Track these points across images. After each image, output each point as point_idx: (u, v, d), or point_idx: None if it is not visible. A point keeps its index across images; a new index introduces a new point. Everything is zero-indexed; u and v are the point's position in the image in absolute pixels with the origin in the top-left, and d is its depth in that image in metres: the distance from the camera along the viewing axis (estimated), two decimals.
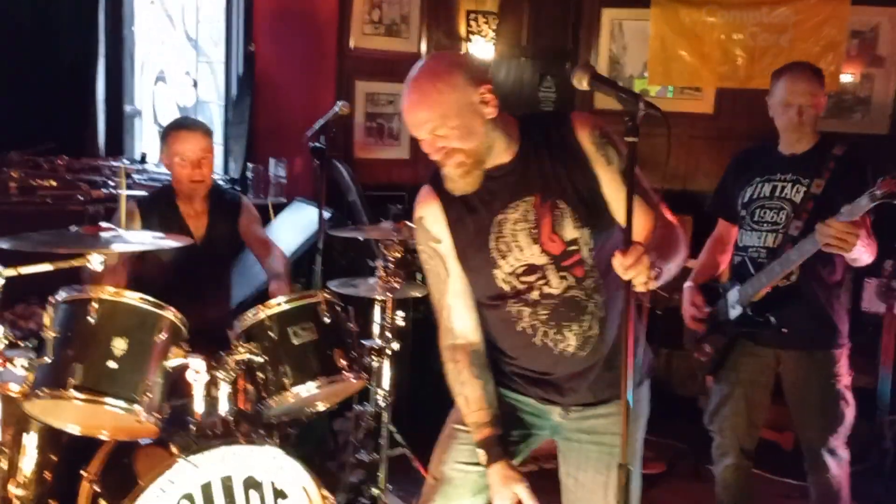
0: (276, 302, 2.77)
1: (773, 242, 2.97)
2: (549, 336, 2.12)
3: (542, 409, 2.23)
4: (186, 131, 3.22)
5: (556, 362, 2.14)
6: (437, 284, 2.19)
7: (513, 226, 2.07)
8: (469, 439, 2.20)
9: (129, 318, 2.44)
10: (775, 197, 3.00)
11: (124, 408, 2.36)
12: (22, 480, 2.54)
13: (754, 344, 3.05)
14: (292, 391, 2.69)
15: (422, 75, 2.04)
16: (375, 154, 5.18)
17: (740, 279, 3.04)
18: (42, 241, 2.39)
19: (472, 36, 5.29)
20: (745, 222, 3.07)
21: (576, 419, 2.21)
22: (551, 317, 2.10)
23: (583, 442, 2.21)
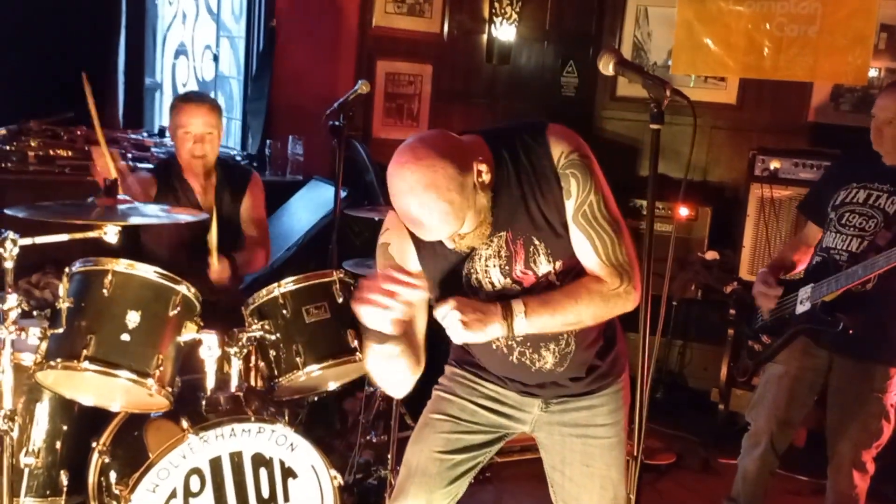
0: (290, 279, 2.77)
1: (856, 247, 2.88)
2: (525, 356, 2.09)
3: (523, 400, 2.20)
4: (193, 105, 3.19)
5: (535, 376, 2.12)
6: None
7: (485, 262, 2.01)
8: (444, 427, 2.18)
9: (143, 291, 2.44)
10: (868, 204, 2.93)
11: (136, 381, 2.37)
12: (33, 449, 2.56)
13: (813, 343, 2.99)
14: (304, 370, 2.69)
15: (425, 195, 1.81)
16: (394, 134, 5.15)
17: (815, 278, 2.96)
18: (58, 211, 2.39)
19: (495, 18, 5.25)
20: (832, 224, 2.99)
21: (557, 412, 2.19)
22: (526, 339, 2.06)
23: (565, 435, 2.19)
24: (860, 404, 2.91)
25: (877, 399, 2.89)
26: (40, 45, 4.14)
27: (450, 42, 5.20)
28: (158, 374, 2.40)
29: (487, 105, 5.46)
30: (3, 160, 3.85)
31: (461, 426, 2.19)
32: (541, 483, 2.28)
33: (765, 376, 3.16)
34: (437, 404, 2.24)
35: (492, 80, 5.42)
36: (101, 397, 2.55)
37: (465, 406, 2.21)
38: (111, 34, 4.32)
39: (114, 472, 2.54)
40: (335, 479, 2.61)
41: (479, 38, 5.31)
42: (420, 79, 5.16)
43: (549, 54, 5.58)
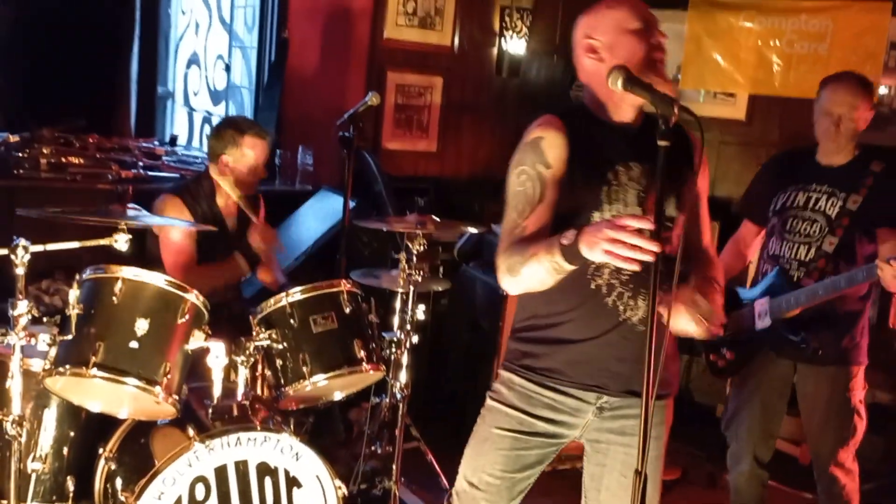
0: (297, 289, 2.78)
1: (805, 255, 2.94)
2: (622, 299, 2.07)
3: (579, 406, 2.17)
4: (263, 140, 3.33)
5: (616, 328, 2.09)
6: (521, 204, 2.07)
7: (627, 180, 2.06)
8: (504, 444, 2.17)
9: (152, 299, 2.45)
10: (809, 208, 2.96)
11: (144, 388, 2.38)
12: (40, 455, 2.57)
13: (776, 354, 3.03)
14: (310, 379, 2.70)
15: None
16: (403, 146, 5.18)
17: (770, 290, 3.00)
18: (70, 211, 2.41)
19: (506, 32, 5.27)
20: (776, 230, 3.03)
21: (607, 418, 2.18)
22: (632, 279, 2.05)
23: (611, 443, 2.18)
24: (831, 407, 2.97)
25: (846, 400, 2.96)
26: (55, 53, 4.18)
27: (460, 55, 5.24)
28: (166, 381, 2.41)
29: (497, 118, 5.48)
30: (16, 167, 3.88)
31: (521, 441, 2.18)
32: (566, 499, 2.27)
33: (733, 391, 3.19)
34: (495, 417, 2.21)
35: (501, 93, 5.45)
36: (108, 404, 2.56)
37: (524, 419, 2.18)
38: (125, 43, 4.36)
39: (120, 479, 2.55)
40: (339, 489, 2.61)
41: (490, 51, 5.34)
42: (430, 91, 5.19)
43: (559, 68, 5.60)
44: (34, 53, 4.12)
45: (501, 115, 5.50)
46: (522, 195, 2.06)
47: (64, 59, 4.16)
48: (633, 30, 2.06)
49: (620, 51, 2.05)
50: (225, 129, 3.32)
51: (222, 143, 3.28)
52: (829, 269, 2.89)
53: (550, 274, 1.93)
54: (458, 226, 3.59)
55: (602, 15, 2.11)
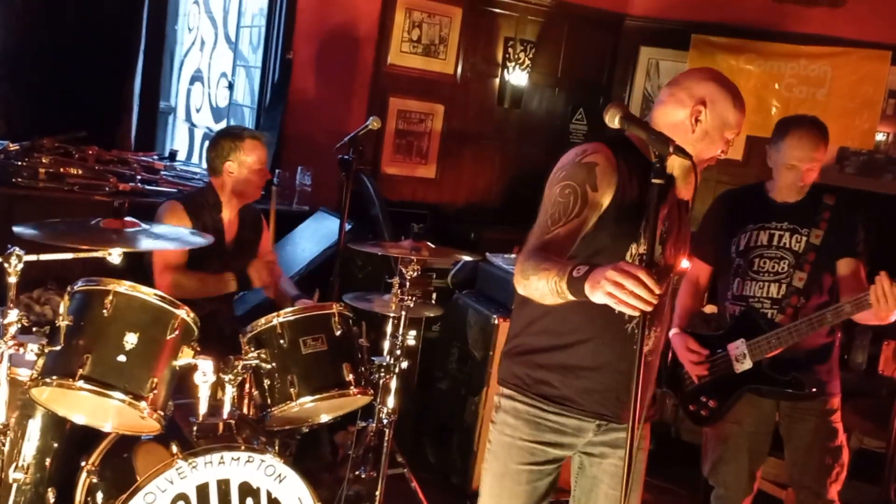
0: (289, 310, 2.79)
1: (777, 293, 2.95)
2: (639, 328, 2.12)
3: (581, 427, 2.23)
4: (260, 141, 3.37)
5: (628, 357, 2.07)
6: (556, 215, 2.09)
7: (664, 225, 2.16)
8: (522, 478, 2.22)
9: (142, 313, 2.45)
10: (773, 246, 2.98)
11: (129, 402, 2.36)
12: (22, 465, 2.54)
13: (757, 395, 3.02)
14: (297, 401, 2.69)
15: None
16: (402, 171, 5.21)
17: (743, 332, 2.99)
18: (63, 231, 2.41)
19: (509, 63, 5.32)
20: (742, 271, 3.03)
21: (602, 432, 2.25)
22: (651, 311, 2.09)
23: (605, 456, 2.26)
24: (819, 438, 2.98)
25: (833, 430, 2.98)
26: (58, 63, 4.20)
27: (463, 83, 5.28)
28: (152, 397, 2.39)
29: (497, 147, 5.51)
30: (15, 175, 3.88)
31: (536, 473, 2.24)
32: None
33: (716, 435, 3.13)
34: (509, 453, 2.25)
35: (502, 123, 5.49)
36: (93, 417, 2.55)
37: (535, 449, 2.23)
38: (130, 57, 4.39)
39: (101, 493, 2.53)
40: None
41: (492, 81, 5.39)
42: (431, 117, 5.22)
43: (560, 101, 5.65)
44: (40, 63, 4.14)
45: (501, 145, 5.53)
46: (562, 206, 2.09)
47: (69, 70, 4.18)
48: (726, 135, 2.18)
49: (708, 140, 2.17)
50: (222, 139, 3.34)
51: (223, 154, 3.29)
52: (801, 304, 2.93)
53: (552, 294, 1.95)
54: (453, 253, 3.60)
55: (726, 100, 2.19)
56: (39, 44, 4.13)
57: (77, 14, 4.16)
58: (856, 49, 4.91)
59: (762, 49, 5.12)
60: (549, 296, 1.95)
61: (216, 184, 3.34)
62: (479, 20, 5.24)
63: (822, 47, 4.99)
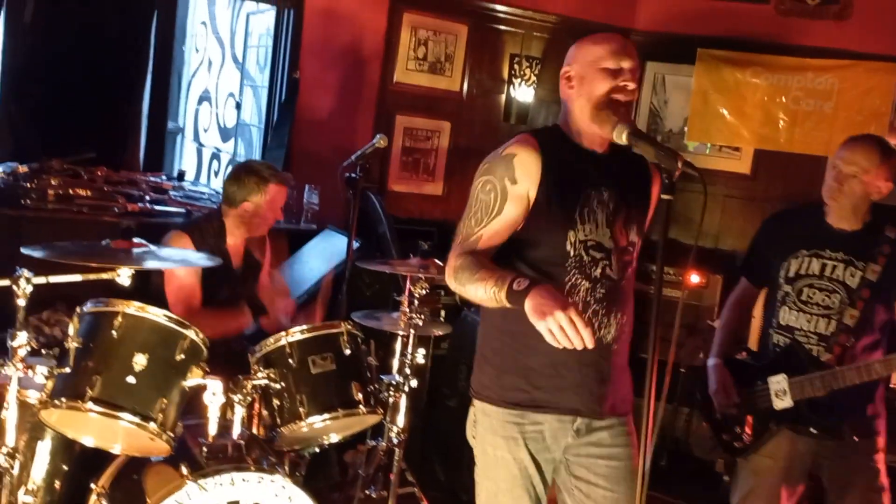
0: (297, 329, 2.78)
1: (825, 328, 2.78)
2: (597, 316, 2.15)
3: (560, 428, 2.20)
4: (284, 186, 3.40)
5: (592, 350, 2.06)
6: (479, 214, 2.15)
7: (597, 203, 2.15)
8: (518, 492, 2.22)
9: (151, 334, 2.45)
10: (825, 276, 2.80)
11: (139, 424, 2.36)
12: (32, 487, 2.54)
13: (795, 433, 2.86)
14: (306, 421, 2.68)
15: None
16: (409, 188, 5.21)
17: (787, 367, 2.84)
18: (72, 252, 2.42)
19: (514, 79, 5.33)
20: (790, 299, 2.86)
21: (584, 433, 2.23)
22: (606, 297, 2.14)
23: (592, 456, 2.22)
24: (859, 478, 2.85)
25: (875, 471, 2.84)
26: (67, 84, 4.22)
27: (469, 100, 5.29)
28: (161, 418, 2.39)
29: None
30: (24, 197, 3.89)
31: (528, 483, 2.23)
32: None
33: (749, 467, 2.98)
34: (497, 470, 2.25)
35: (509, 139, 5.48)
36: (102, 439, 2.55)
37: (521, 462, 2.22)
38: (138, 78, 4.41)
39: None
40: None
41: (498, 97, 5.39)
42: (437, 135, 5.23)
43: None
44: (48, 85, 4.16)
45: None
46: (483, 204, 2.14)
47: (77, 91, 4.20)
48: (603, 68, 2.13)
49: (587, 84, 2.14)
50: (247, 175, 3.33)
51: (245, 190, 3.29)
52: (850, 343, 2.76)
53: (490, 301, 2.01)
54: None
55: (584, 47, 2.20)
56: (47, 65, 4.15)
57: (85, 35, 4.18)
58: (862, 61, 4.90)
59: (768, 62, 5.11)
60: (487, 301, 2.01)
61: (226, 212, 3.35)
62: (484, 37, 5.25)
63: (829, 60, 4.99)
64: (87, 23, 4.20)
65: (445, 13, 5.10)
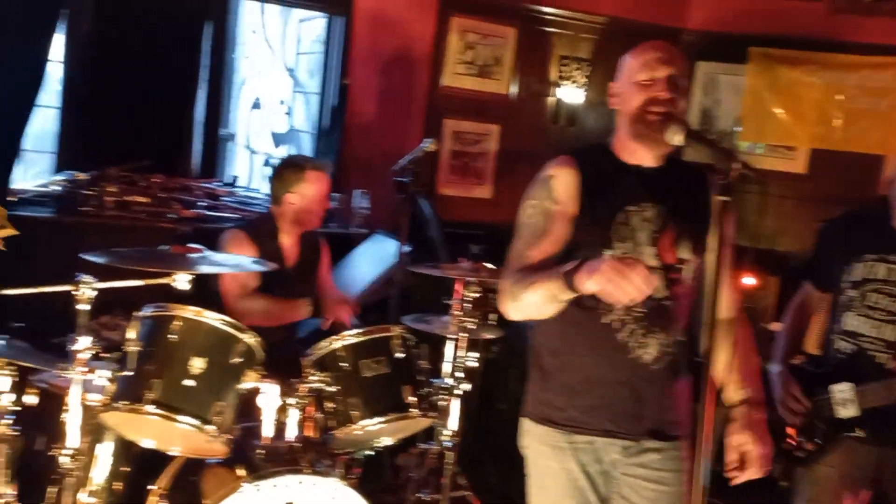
0: (350, 333, 2.80)
1: (892, 336, 2.68)
2: (633, 336, 2.10)
3: (607, 442, 2.16)
4: (323, 173, 3.42)
5: (627, 368, 2.11)
6: (529, 237, 2.14)
7: (639, 220, 2.11)
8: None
9: (208, 338, 2.49)
10: (892, 282, 2.70)
11: (197, 426, 2.40)
12: (93, 489, 2.60)
13: (857, 442, 2.77)
14: (359, 423, 2.70)
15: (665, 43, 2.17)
16: (458, 192, 5.22)
17: (851, 374, 2.74)
18: (132, 257, 2.47)
19: (563, 81, 5.31)
20: (855, 303, 2.76)
21: (634, 454, 2.18)
22: (645, 317, 2.10)
23: (639, 478, 2.17)
24: None
25: None
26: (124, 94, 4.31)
27: (517, 103, 5.28)
28: (218, 420, 2.43)
29: None
30: (83, 204, 4.00)
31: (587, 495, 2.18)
32: None
33: (811, 476, 2.88)
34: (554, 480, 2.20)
35: (558, 142, 5.46)
36: (161, 441, 2.59)
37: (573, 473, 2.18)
38: (192, 86, 4.48)
39: None
40: None
41: (547, 100, 5.38)
42: (486, 138, 5.23)
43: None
44: (105, 95, 4.25)
45: None
46: (530, 228, 2.14)
47: (133, 100, 4.28)
48: (636, 81, 2.11)
49: (625, 99, 2.13)
50: (285, 169, 3.40)
51: (285, 184, 3.35)
52: None
53: (548, 301, 1.98)
54: None
55: (625, 61, 2.18)
56: (105, 76, 4.25)
57: (141, 46, 4.27)
58: None
59: (822, 60, 5.02)
60: (545, 304, 1.98)
61: (276, 211, 3.40)
62: (533, 40, 5.24)
63: (885, 57, 4.88)
64: (142, 34, 4.28)
65: (494, 17, 5.11)
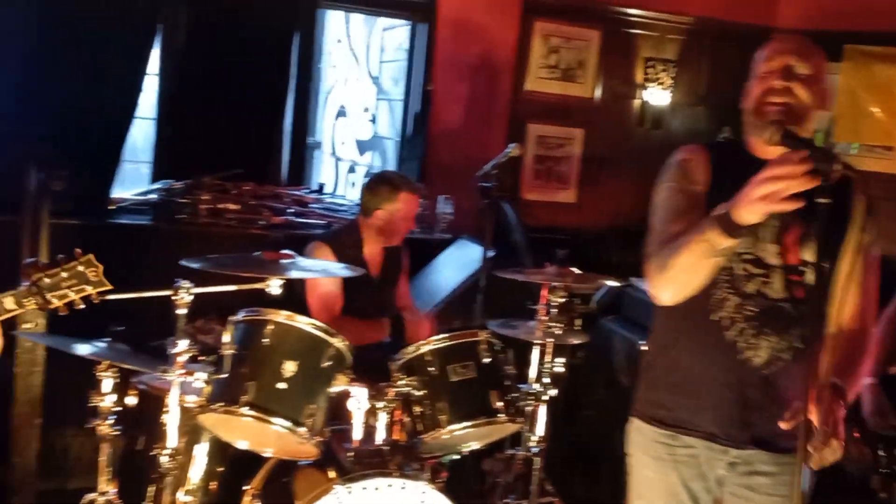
0: (437, 338, 2.82)
1: None
2: (743, 335, 2.01)
3: (710, 457, 2.09)
4: (416, 195, 3.51)
5: (735, 370, 2.02)
6: (669, 216, 2.05)
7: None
8: None
9: (300, 342, 2.54)
10: None
11: (289, 428, 2.45)
12: (190, 488, 2.68)
13: None
14: (447, 428, 2.71)
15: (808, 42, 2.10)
16: (542, 196, 5.19)
17: None
18: (228, 263, 2.54)
19: (649, 83, 5.23)
20: None
21: (742, 473, 2.08)
22: (757, 317, 2.00)
23: (748, 500, 2.08)
24: None
25: None
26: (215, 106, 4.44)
27: (602, 106, 5.22)
28: (310, 423, 2.48)
29: (638, 169, 5.40)
30: (178, 211, 4.13)
31: None
32: None
33: None
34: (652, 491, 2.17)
35: (643, 145, 5.38)
36: (254, 442, 2.66)
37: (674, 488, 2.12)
38: (281, 97, 4.58)
39: None
40: None
41: (632, 102, 5.30)
42: (570, 142, 5.19)
43: (704, 119, 5.49)
44: (199, 107, 4.38)
45: (642, 167, 5.38)
46: (669, 208, 2.06)
47: (225, 112, 4.40)
48: (757, 74, 2.07)
49: (747, 94, 2.10)
50: (380, 184, 3.45)
51: (378, 199, 3.40)
52: None
53: (704, 256, 1.86)
54: (598, 279, 3.55)
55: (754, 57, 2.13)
56: (198, 89, 4.38)
57: (232, 60, 4.38)
58: None
59: None
60: (700, 261, 1.87)
61: (363, 222, 3.46)
62: (617, 42, 5.18)
63: None
64: (233, 46, 4.40)
65: (577, 20, 5.06)
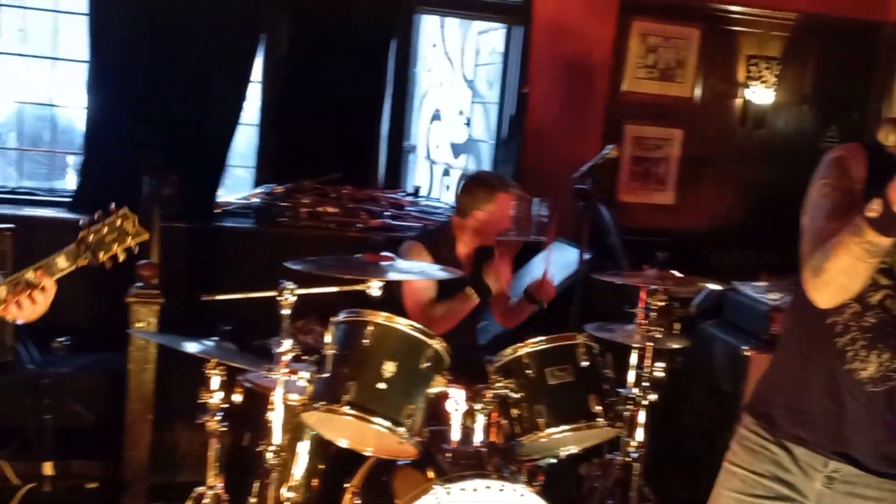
0: (534, 340, 2.81)
1: None
2: (852, 346, 1.91)
3: (807, 467, 1.99)
4: (513, 196, 3.46)
5: (839, 381, 1.93)
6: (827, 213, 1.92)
7: None
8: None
9: (399, 343, 2.58)
10: None
11: (389, 428, 2.49)
12: (293, 484, 2.75)
13: None
14: (545, 431, 2.70)
15: None
16: (639, 198, 5.12)
17: None
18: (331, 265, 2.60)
19: (751, 82, 5.09)
20: None
21: (841, 493, 1.96)
22: (873, 328, 1.90)
23: None
24: None
25: None
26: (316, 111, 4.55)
27: (702, 106, 5.12)
28: (409, 423, 2.51)
29: (738, 170, 5.28)
30: (279, 215, 4.25)
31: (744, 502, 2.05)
32: None
33: None
34: (724, 477, 2.10)
35: (745, 145, 5.25)
36: (355, 441, 2.70)
37: (747, 477, 2.04)
38: (377, 102, 4.66)
39: None
40: None
41: (733, 101, 5.18)
42: (669, 143, 5.10)
43: (809, 118, 5.31)
44: (300, 114, 4.50)
45: (744, 168, 5.29)
46: (827, 205, 1.93)
47: (325, 116, 4.51)
48: None
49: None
50: (477, 185, 3.45)
51: (475, 200, 3.40)
52: None
53: (861, 258, 1.75)
54: (697, 281, 3.47)
55: None
56: (299, 96, 4.50)
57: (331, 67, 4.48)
58: None
59: None
60: (858, 263, 1.75)
61: (458, 223, 3.46)
62: (718, 40, 5.07)
63: None
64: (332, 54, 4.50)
65: (676, 19, 4.98)
